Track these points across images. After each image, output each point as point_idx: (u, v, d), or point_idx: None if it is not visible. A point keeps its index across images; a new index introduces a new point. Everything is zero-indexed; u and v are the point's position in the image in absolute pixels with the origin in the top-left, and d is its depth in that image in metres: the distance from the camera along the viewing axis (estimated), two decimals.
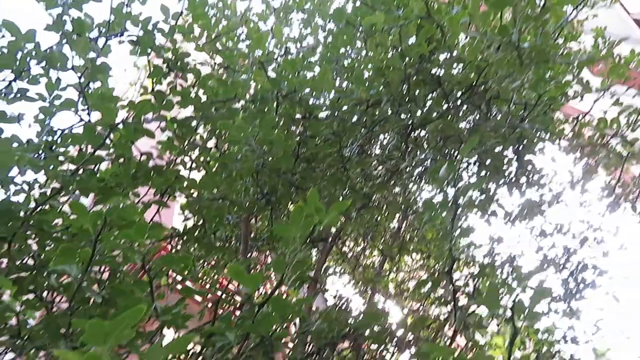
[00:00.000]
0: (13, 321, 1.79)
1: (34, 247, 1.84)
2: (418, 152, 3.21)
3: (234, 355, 1.43)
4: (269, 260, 3.70)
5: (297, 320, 2.25)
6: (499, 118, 3.00)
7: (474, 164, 3.43)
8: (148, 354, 0.73)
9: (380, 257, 3.54)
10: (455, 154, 3.22)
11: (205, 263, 3.36)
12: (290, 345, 2.26)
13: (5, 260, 1.79)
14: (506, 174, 3.45)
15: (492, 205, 3.15)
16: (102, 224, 1.30)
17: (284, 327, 1.61)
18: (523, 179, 3.62)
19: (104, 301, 1.52)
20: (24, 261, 1.72)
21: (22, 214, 1.65)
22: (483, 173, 3.23)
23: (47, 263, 1.76)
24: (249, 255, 2.80)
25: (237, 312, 2.73)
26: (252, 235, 3.20)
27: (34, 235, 1.75)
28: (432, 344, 1.23)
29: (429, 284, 1.77)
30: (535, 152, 3.61)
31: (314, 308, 2.80)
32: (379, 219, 3.47)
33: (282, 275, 1.24)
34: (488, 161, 3.29)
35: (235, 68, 2.67)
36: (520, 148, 3.21)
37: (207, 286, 3.23)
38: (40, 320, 1.83)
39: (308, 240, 1.34)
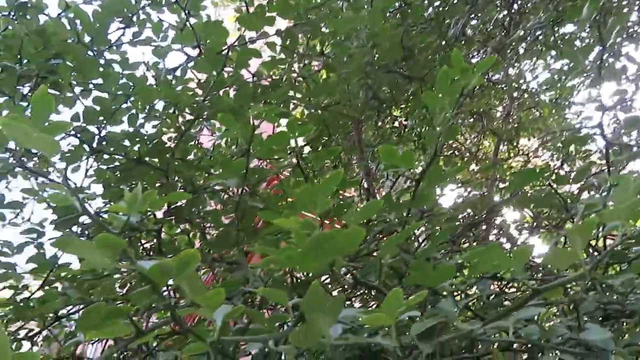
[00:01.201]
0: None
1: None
2: (523, 25, 2.94)
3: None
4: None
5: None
6: None
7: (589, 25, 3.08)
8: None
9: (495, 142, 3.39)
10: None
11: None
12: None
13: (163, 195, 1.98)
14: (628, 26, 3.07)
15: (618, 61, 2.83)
16: (252, 131, 1.37)
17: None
18: None
19: (263, 210, 1.62)
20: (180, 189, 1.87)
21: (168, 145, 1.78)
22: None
23: (197, 191, 1.92)
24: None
25: None
26: None
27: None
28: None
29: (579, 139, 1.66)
30: None
31: None
32: (489, 102, 3.30)
33: (436, 145, 1.23)
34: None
35: None
36: None
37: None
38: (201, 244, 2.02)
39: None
